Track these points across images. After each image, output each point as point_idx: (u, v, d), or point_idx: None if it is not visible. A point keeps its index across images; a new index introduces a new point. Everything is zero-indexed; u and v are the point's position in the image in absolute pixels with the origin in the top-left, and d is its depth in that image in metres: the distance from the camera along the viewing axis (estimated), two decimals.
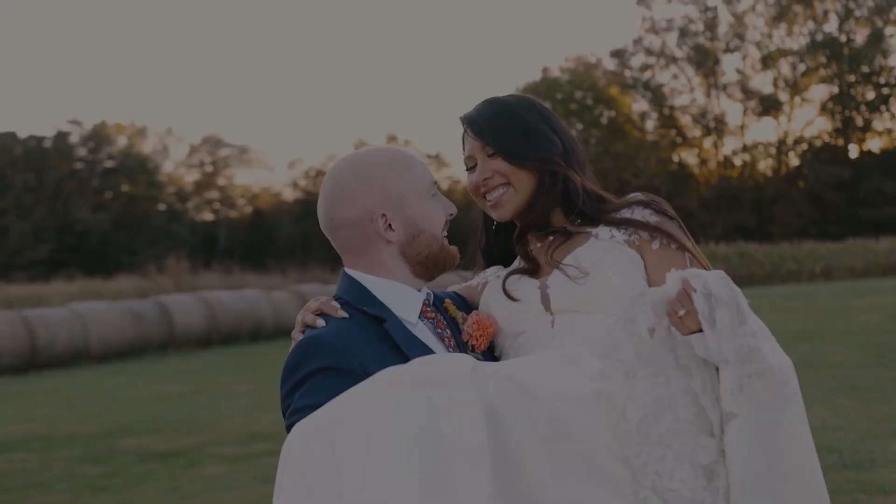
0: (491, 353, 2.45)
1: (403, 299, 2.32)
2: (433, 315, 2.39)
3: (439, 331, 2.37)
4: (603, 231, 2.44)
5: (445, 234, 2.41)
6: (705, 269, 2.37)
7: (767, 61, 51.04)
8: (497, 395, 1.98)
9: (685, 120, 53.15)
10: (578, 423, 2.04)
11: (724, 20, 52.16)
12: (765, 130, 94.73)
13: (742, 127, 52.62)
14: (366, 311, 2.27)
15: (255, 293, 25.02)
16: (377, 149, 2.39)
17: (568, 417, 2.03)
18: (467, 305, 2.57)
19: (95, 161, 55.52)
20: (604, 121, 53.39)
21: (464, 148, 2.55)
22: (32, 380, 18.53)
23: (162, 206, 56.38)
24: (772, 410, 2.05)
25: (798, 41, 51.30)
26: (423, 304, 2.37)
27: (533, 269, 2.45)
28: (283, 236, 55.79)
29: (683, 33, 51.90)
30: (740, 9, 51.59)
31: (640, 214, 2.45)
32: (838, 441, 7.41)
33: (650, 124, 54.06)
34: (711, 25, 51.74)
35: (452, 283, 2.91)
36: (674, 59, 52.53)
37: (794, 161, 51.78)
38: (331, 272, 40.53)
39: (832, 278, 35.03)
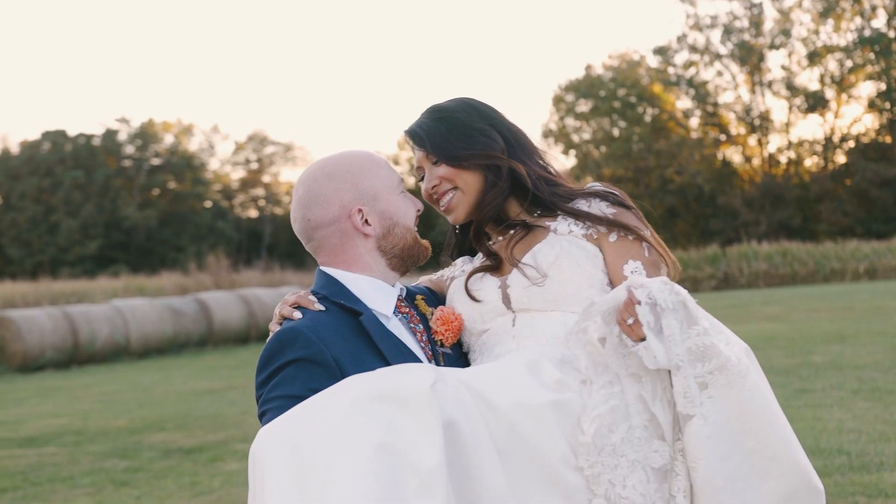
0: (459, 348, 2.53)
1: (378, 294, 2.43)
2: (407, 310, 2.49)
3: (412, 325, 2.47)
4: (562, 225, 2.50)
5: (416, 228, 2.52)
6: (663, 255, 2.46)
7: (814, 58, 50.36)
8: (457, 406, 2.05)
9: (729, 117, 52.66)
10: (535, 433, 2.10)
11: (770, 16, 51.64)
12: (811, 128, 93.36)
13: (787, 124, 52.02)
14: (342, 305, 2.36)
15: (294, 290, 25.18)
16: (343, 152, 2.51)
17: (525, 428, 2.09)
18: (437, 299, 2.65)
19: (143, 158, 56.26)
20: (647, 118, 53.03)
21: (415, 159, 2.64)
22: (74, 375, 18.93)
23: (208, 204, 57.00)
24: (741, 401, 2.11)
25: (845, 37, 50.58)
26: (398, 298, 2.47)
27: (495, 266, 2.51)
28: None
29: (728, 30, 51.40)
30: (786, 4, 50.98)
31: (597, 208, 2.51)
32: (849, 443, 7.40)
33: (694, 122, 53.60)
34: (757, 22, 51.18)
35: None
36: (718, 56, 52.04)
37: (840, 158, 51.09)
38: None
39: (876, 278, 34.58)
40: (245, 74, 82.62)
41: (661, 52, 53.09)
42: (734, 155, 53.33)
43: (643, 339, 2.12)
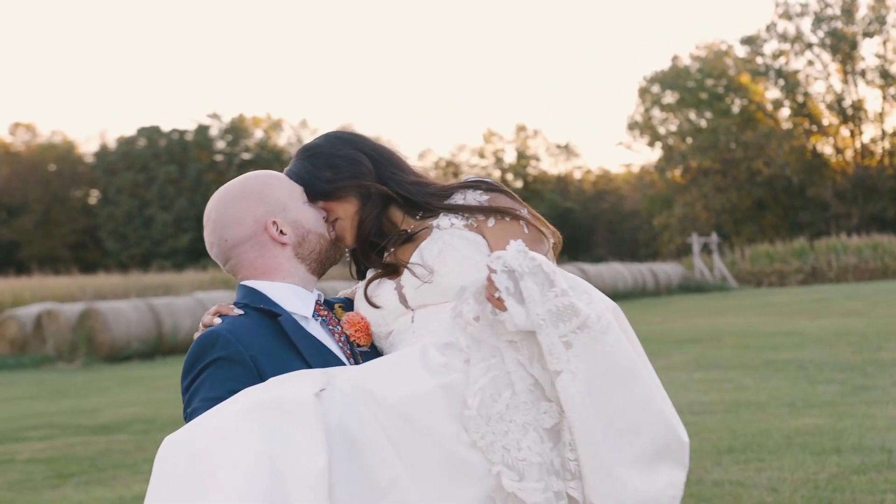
0: (375, 349, 2.64)
1: (297, 299, 2.55)
2: (325, 313, 2.61)
3: (331, 327, 2.59)
4: (443, 221, 2.59)
5: (333, 232, 2.64)
6: (541, 229, 2.57)
7: None
8: (346, 409, 2.15)
9: (820, 107, 51.50)
10: (426, 420, 2.18)
11: (863, 3, 50.31)
12: None
13: (881, 114, 50.68)
14: (261, 309, 2.49)
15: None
16: (243, 175, 2.65)
17: (416, 417, 2.18)
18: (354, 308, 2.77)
19: (233, 153, 57.39)
20: (734, 109, 52.19)
21: None
22: (156, 366, 19.59)
23: None
24: (604, 356, 2.19)
25: None
26: (316, 303, 2.60)
27: (392, 271, 2.62)
28: None
29: (819, 18, 50.29)
30: None
31: (472, 198, 2.61)
32: (893, 441, 7.35)
33: (783, 112, 52.58)
34: (849, 9, 49.94)
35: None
36: (808, 45, 50.96)
37: None
38: None
39: None
40: (334, 69, 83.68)
41: (749, 41, 52.20)
42: (825, 146, 52.16)
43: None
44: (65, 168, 57.32)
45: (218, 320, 2.51)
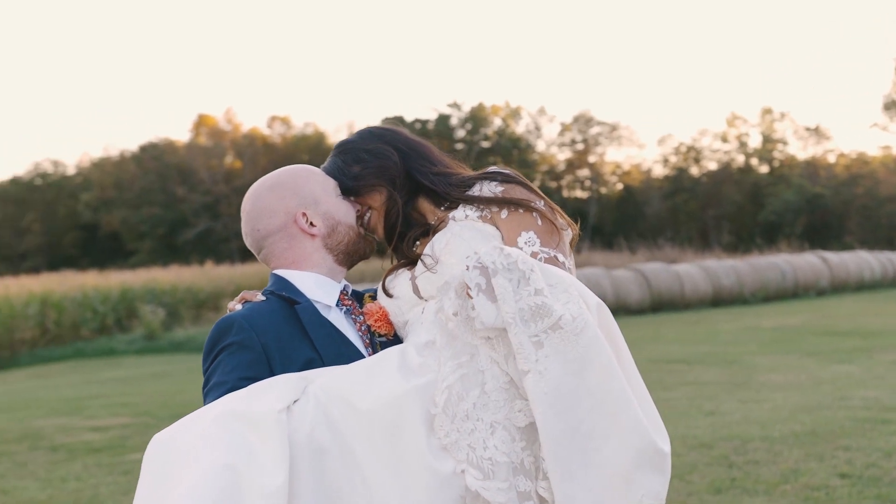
0: (398, 339, 2.65)
1: (322, 288, 2.64)
2: (350, 303, 2.68)
3: (353, 316, 2.65)
4: (459, 212, 2.60)
5: (362, 226, 2.72)
6: (554, 221, 2.52)
7: None
8: (320, 421, 2.18)
9: None
10: (402, 423, 2.19)
11: None
12: None
13: None
14: (283, 296, 2.58)
15: (596, 271, 25.45)
16: (281, 168, 2.77)
17: (388, 423, 2.19)
18: None
19: (473, 142, 58.44)
20: None
21: None
22: None
23: (535, 185, 58.15)
24: (577, 358, 2.11)
25: None
26: (341, 293, 2.67)
27: (410, 262, 2.65)
28: (652, 213, 55.76)
29: None
30: None
31: (487, 189, 2.61)
32: None
33: None
34: None
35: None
36: None
37: None
38: (694, 250, 39.98)
39: None
40: (572, 55, 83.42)
41: None
42: None
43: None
44: (316, 158, 60.16)
45: (238, 306, 2.62)
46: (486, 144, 58.19)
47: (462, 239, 2.52)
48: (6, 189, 56.83)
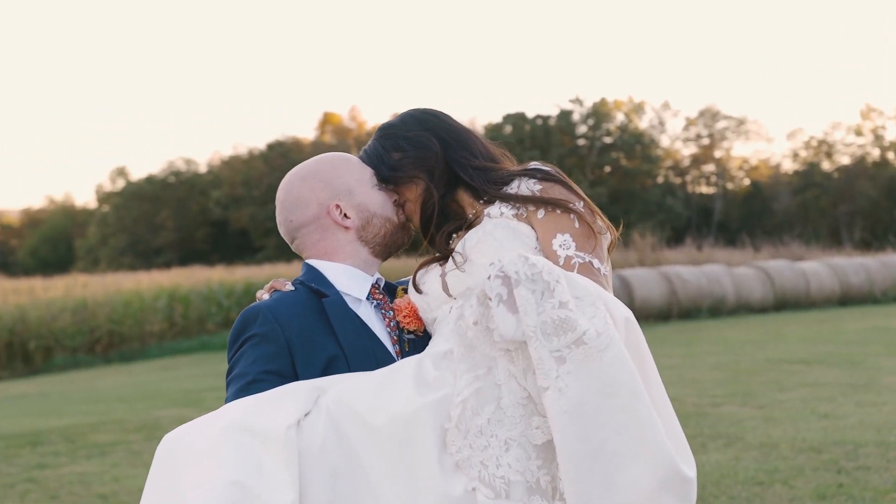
0: (428, 335, 2.59)
1: (353, 281, 2.59)
2: (380, 297, 2.63)
3: (383, 311, 2.60)
4: (494, 209, 2.51)
5: (403, 216, 2.66)
6: (592, 224, 2.42)
7: None
8: (331, 435, 2.14)
9: None
10: (414, 442, 2.12)
11: None
12: None
13: None
14: (312, 288, 2.55)
15: (717, 268, 24.86)
16: (317, 156, 2.70)
17: (405, 439, 2.12)
18: None
19: (595, 137, 57.86)
20: None
21: None
22: None
23: (659, 180, 57.31)
24: (600, 376, 2.00)
25: None
26: (373, 286, 2.62)
27: (443, 257, 2.56)
28: (780, 209, 54.25)
29: None
30: None
31: (525, 187, 2.50)
32: None
33: None
34: None
35: None
36: None
37: None
38: (822, 247, 38.70)
39: None
40: (697, 49, 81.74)
41: None
42: None
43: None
44: None
45: (266, 296, 2.59)
46: (608, 140, 57.53)
47: (494, 238, 2.44)
48: (142, 187, 58.84)
